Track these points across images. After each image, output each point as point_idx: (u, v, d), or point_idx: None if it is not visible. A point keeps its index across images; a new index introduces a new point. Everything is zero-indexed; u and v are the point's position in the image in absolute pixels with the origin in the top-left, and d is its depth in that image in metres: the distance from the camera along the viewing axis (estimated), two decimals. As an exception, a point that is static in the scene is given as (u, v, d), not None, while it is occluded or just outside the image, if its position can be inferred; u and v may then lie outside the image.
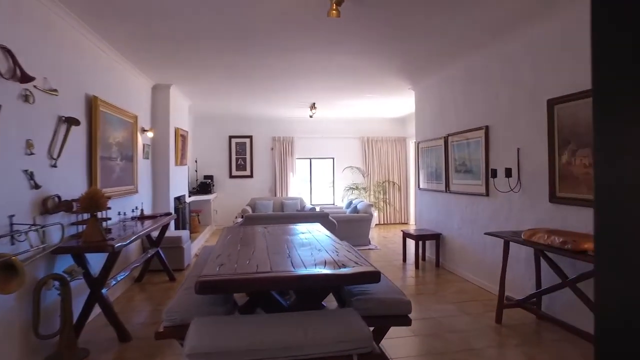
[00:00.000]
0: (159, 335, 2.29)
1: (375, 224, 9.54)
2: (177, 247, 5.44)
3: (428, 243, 5.91)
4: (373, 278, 2.28)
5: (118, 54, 4.42)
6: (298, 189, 9.88)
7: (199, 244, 7.04)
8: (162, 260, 5.02)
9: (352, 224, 7.05)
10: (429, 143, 5.95)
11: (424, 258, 5.90)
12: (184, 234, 5.73)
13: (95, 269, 3.24)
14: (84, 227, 3.18)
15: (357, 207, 7.67)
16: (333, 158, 10.10)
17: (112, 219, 3.97)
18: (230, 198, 9.44)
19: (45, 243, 2.74)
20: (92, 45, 3.85)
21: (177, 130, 6.40)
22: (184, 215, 7.10)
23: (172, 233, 5.63)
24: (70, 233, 3.33)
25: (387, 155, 10.04)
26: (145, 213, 5.16)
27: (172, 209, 6.03)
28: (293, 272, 2.28)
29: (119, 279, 3.76)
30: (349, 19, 3.44)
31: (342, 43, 4.17)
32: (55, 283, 2.81)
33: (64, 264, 2.98)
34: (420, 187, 6.36)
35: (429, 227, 5.96)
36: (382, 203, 9.77)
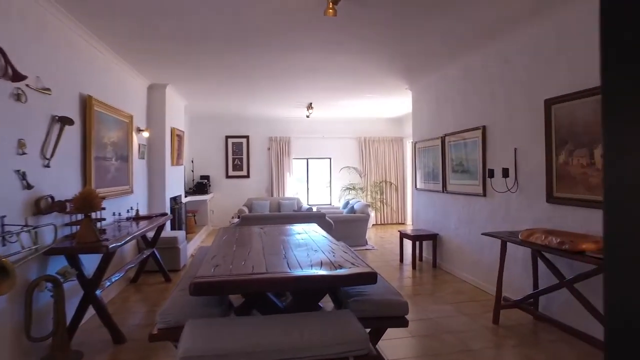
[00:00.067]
0: (153, 338, 2.26)
1: (372, 224, 9.52)
2: (173, 247, 5.41)
3: (425, 243, 5.89)
4: (369, 279, 2.26)
5: (113, 54, 4.38)
6: (295, 189, 9.86)
7: (195, 245, 7.00)
8: (157, 261, 4.99)
9: (349, 224, 7.04)
10: (426, 143, 5.94)
11: (421, 258, 5.89)
12: (180, 235, 5.69)
13: (90, 270, 3.20)
14: (78, 227, 3.15)
15: (354, 207, 7.65)
16: (330, 158, 10.08)
17: (107, 220, 3.94)
18: (227, 198, 9.40)
19: (38, 244, 2.70)
20: (86, 45, 3.81)
21: (173, 130, 6.37)
22: (180, 216, 7.07)
23: (168, 233, 5.59)
24: (64, 234, 3.30)
25: (384, 156, 10.03)
26: (141, 213, 5.13)
27: (168, 210, 6.00)
28: (289, 273, 2.25)
29: (114, 280, 3.73)
30: (347, 19, 3.42)
31: (339, 43, 4.15)
32: (48, 285, 2.78)
33: (57, 266, 2.95)
34: (417, 187, 6.34)
35: (426, 227, 5.94)
36: (379, 203, 9.75)
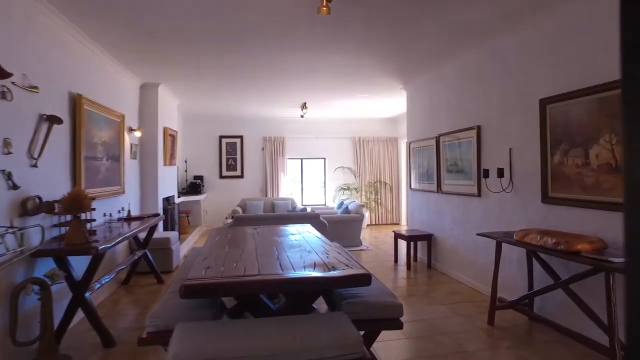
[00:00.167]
0: (142, 342, 2.21)
1: (367, 225, 9.50)
2: (165, 248, 5.34)
3: (420, 244, 5.87)
4: (363, 281, 2.22)
5: (104, 52, 4.31)
6: (289, 190, 9.81)
7: (189, 245, 6.93)
8: (149, 262, 4.92)
9: (343, 225, 7.00)
10: (421, 143, 5.92)
11: (416, 259, 5.87)
12: (173, 235, 5.62)
13: (79, 272, 3.14)
14: (67, 229, 3.08)
15: (348, 207, 7.62)
16: (324, 158, 10.04)
17: (97, 221, 3.86)
18: (221, 198, 9.33)
19: (24, 246, 2.63)
20: (78, 44, 3.74)
21: (165, 130, 6.30)
22: (173, 216, 7.00)
23: (160, 234, 5.52)
24: (53, 235, 3.22)
25: (378, 156, 10.01)
26: (133, 214, 5.06)
27: (160, 210, 5.93)
28: (282, 275, 2.21)
29: (104, 282, 3.67)
30: (341, 18, 3.39)
31: (334, 42, 4.12)
32: (35, 287, 2.70)
33: (45, 268, 2.88)
34: (412, 187, 6.32)
35: (421, 227, 5.93)
36: (373, 203, 9.73)
